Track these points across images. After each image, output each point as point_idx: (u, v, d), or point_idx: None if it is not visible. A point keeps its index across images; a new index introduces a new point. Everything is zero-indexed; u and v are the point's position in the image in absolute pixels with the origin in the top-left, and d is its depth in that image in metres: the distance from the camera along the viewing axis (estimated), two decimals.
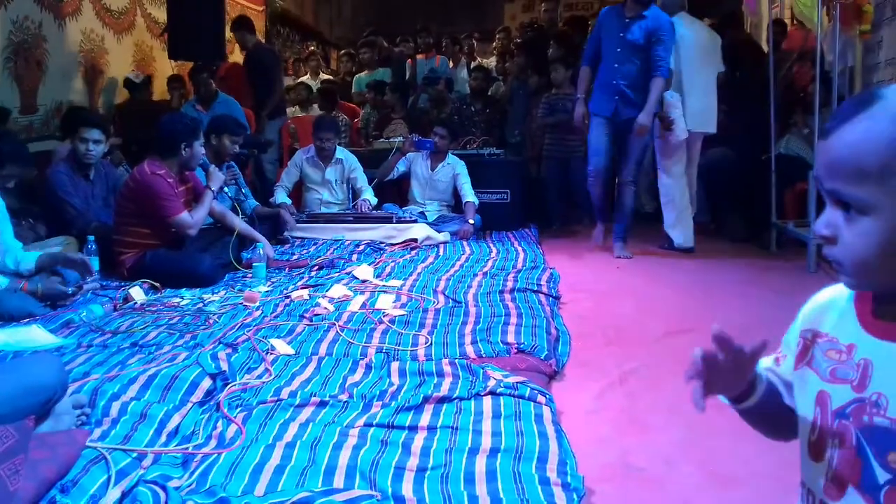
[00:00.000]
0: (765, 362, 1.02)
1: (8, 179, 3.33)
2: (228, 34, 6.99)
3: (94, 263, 3.76)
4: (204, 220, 4.18)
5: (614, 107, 4.92)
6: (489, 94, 7.13)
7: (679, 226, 5.24)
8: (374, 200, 5.70)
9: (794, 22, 6.49)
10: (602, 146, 5.02)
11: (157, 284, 3.87)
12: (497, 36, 8.80)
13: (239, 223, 4.45)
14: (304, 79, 8.98)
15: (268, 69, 6.59)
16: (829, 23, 4.99)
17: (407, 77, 7.83)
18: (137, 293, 3.69)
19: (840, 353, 0.90)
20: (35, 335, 2.96)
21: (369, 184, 5.85)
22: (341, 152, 5.83)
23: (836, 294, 0.95)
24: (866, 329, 0.88)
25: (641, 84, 4.82)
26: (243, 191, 5.24)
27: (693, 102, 5.17)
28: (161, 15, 7.19)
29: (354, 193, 5.81)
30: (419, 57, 7.94)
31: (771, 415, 1.01)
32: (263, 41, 8.45)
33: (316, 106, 7.49)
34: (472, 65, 7.90)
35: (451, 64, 7.98)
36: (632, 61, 4.83)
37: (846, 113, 0.83)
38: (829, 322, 0.94)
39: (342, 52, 9.54)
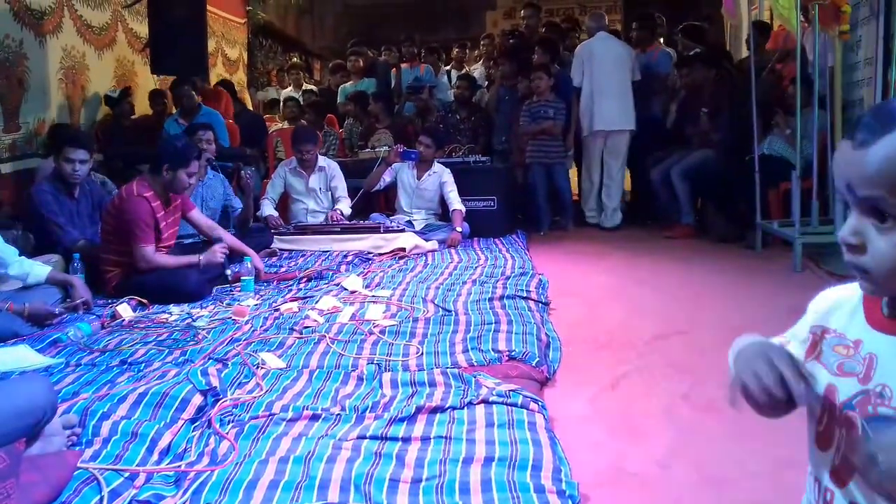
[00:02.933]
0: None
1: None
2: (211, 47, 7.00)
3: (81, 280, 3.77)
4: (160, 265, 4.02)
5: None
6: (473, 101, 7.14)
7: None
8: (348, 212, 5.70)
9: (780, 23, 6.54)
10: None
11: (144, 301, 3.85)
12: (482, 43, 8.85)
13: (226, 236, 4.43)
14: (288, 91, 8.97)
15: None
16: (809, 24, 5.03)
17: (392, 86, 7.83)
18: (125, 310, 3.67)
19: (847, 349, 0.94)
20: (23, 355, 2.93)
21: (356, 194, 5.85)
22: (323, 160, 5.84)
23: (844, 293, 0.99)
24: (873, 326, 0.92)
25: None
26: (233, 201, 5.23)
27: (608, 104, 6.21)
28: (142, 30, 7.17)
29: (334, 202, 5.81)
30: (403, 66, 7.95)
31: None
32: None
33: (304, 121, 7.48)
34: (455, 73, 7.94)
35: (434, 72, 7.99)
36: None
37: (885, 123, 0.84)
38: (838, 319, 0.97)
39: (331, 63, 9.53)
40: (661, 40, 7.37)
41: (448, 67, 8.51)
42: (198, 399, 2.40)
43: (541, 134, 6.32)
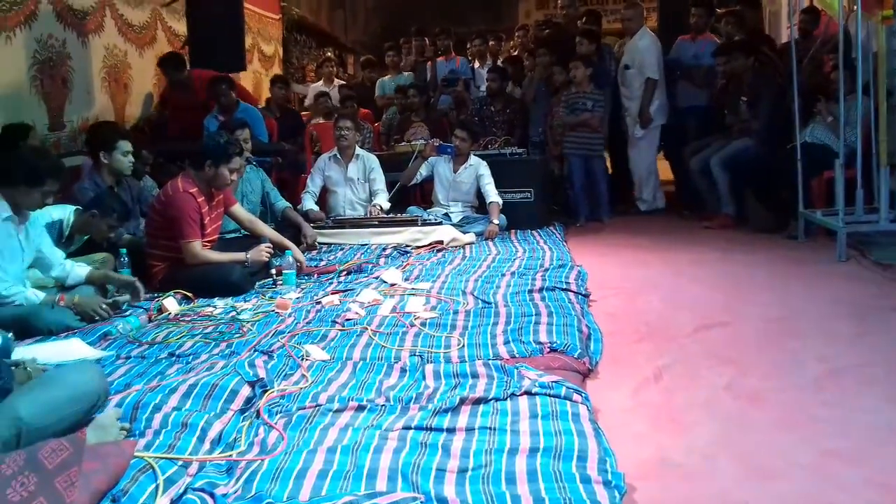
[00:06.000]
0: None
1: (48, 195, 3.42)
2: (248, 44, 7.06)
3: (126, 275, 3.86)
4: (208, 261, 4.11)
5: None
6: (507, 92, 7.13)
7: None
8: (387, 205, 5.73)
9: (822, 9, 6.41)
10: None
11: (189, 294, 3.93)
12: (516, 34, 8.82)
13: (268, 231, 4.50)
14: (318, 85, 9.01)
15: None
16: (852, 9, 4.93)
17: (427, 79, 7.86)
18: (171, 303, 3.74)
19: None
20: (75, 348, 3.01)
21: (392, 188, 5.89)
22: (361, 151, 5.88)
23: None
24: None
25: None
26: (271, 193, 5.30)
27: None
28: (181, 28, 7.26)
29: (372, 195, 5.85)
30: (439, 59, 7.96)
31: None
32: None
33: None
34: (487, 66, 7.93)
35: (477, 64, 7.99)
36: None
37: None
38: None
39: (363, 57, 9.59)
40: None
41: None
42: (246, 390, 2.45)
43: (580, 126, 6.30)
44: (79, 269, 3.72)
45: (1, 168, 3.35)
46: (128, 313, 3.64)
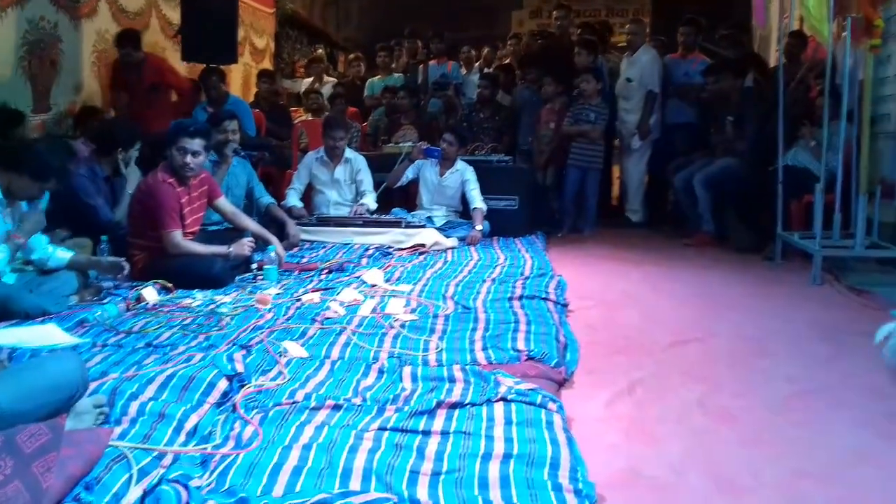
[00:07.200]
0: None
1: (44, 191, 3.47)
2: (240, 36, 7.04)
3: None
4: (189, 252, 4.11)
5: None
6: (497, 100, 7.17)
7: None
8: (374, 206, 5.74)
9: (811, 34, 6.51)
10: None
11: (169, 285, 3.92)
12: (509, 42, 8.87)
13: (251, 224, 4.49)
14: (308, 82, 9.00)
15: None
16: (840, 37, 5.02)
17: (419, 82, 7.88)
18: (150, 293, 3.73)
19: None
20: (51, 333, 2.99)
21: (378, 189, 5.90)
22: (349, 153, 5.89)
23: None
24: None
25: None
26: (256, 188, 5.29)
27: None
28: (175, 16, 7.24)
29: (359, 195, 5.86)
30: (431, 62, 7.99)
31: None
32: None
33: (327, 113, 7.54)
34: (475, 72, 7.98)
35: (463, 70, 8.03)
36: None
37: None
38: None
39: (351, 55, 9.59)
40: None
41: (477, 64, 8.54)
42: (223, 384, 2.46)
43: (580, 137, 6.36)
44: (60, 254, 3.70)
45: (12, 153, 3.36)
46: (105, 301, 3.63)
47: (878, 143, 5.13)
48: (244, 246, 4.21)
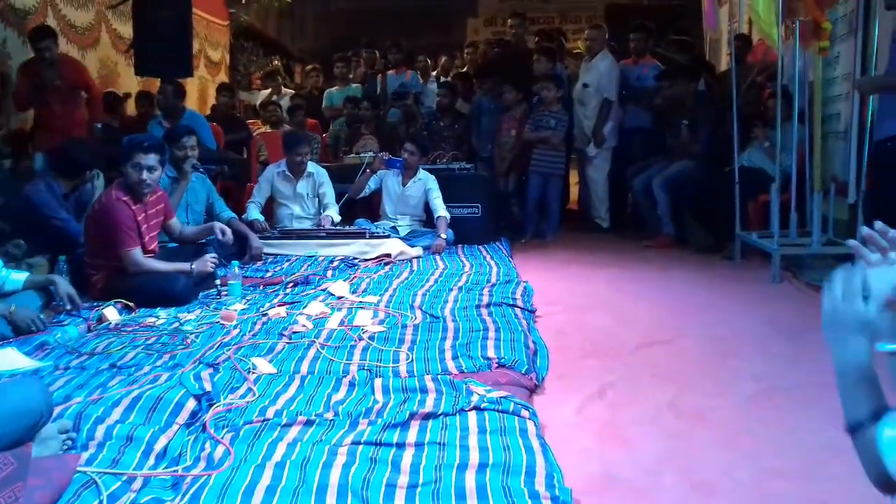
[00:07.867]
0: None
1: None
2: (194, 49, 6.97)
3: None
4: (152, 270, 4.03)
5: None
6: (456, 108, 7.20)
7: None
8: (338, 218, 5.71)
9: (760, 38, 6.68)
10: None
11: (130, 304, 3.84)
12: (465, 51, 8.92)
13: (194, 230, 4.60)
14: (265, 93, 8.93)
15: None
16: (789, 39, 5.14)
17: (378, 92, 7.88)
18: (111, 313, 3.65)
19: None
20: (10, 358, 2.91)
21: (340, 200, 5.87)
22: (312, 166, 5.85)
23: None
24: None
25: None
26: (216, 204, 5.21)
27: None
28: (127, 30, 7.14)
29: (322, 209, 5.82)
30: (389, 72, 7.99)
31: None
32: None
33: (287, 125, 7.48)
34: (431, 81, 8.01)
35: (420, 79, 8.04)
36: None
37: None
38: None
39: (309, 66, 9.55)
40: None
41: (435, 73, 8.57)
42: (191, 403, 2.41)
43: (541, 143, 6.40)
44: (15, 276, 3.60)
45: None
46: (66, 323, 3.54)
47: (829, 143, 5.26)
48: (207, 262, 4.15)
